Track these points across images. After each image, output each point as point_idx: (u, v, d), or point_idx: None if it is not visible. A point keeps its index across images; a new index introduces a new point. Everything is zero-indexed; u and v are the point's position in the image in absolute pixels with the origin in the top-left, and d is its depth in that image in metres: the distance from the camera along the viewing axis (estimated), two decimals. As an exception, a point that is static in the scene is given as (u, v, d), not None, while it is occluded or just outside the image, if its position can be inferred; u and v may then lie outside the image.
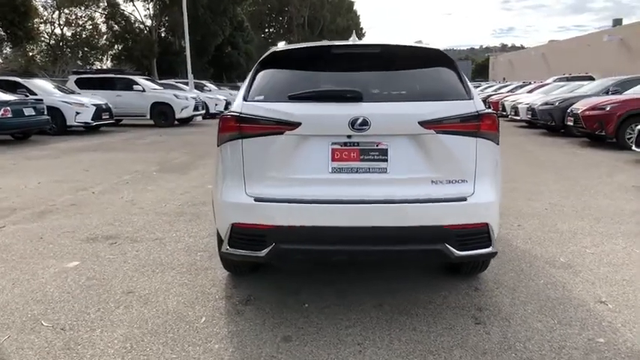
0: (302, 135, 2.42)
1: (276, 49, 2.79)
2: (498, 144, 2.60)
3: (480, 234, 2.46)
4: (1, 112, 10.44)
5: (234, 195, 2.51)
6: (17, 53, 34.12)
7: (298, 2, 60.42)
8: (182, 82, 21.43)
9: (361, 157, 2.42)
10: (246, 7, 48.70)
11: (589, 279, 3.25)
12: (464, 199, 2.42)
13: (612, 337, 2.49)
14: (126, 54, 39.16)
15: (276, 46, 3.05)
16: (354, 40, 3.01)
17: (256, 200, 2.45)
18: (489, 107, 7.78)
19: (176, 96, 15.86)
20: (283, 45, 3.06)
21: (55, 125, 12.62)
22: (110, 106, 14.07)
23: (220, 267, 3.48)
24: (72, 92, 14.48)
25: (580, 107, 10.29)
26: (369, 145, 2.42)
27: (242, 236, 2.51)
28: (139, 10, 78.34)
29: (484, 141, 2.49)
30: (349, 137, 2.42)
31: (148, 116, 15.76)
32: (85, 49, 38.83)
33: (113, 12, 37.26)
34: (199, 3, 34.70)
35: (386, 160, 2.42)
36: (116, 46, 40.27)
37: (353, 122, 2.36)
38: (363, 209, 2.37)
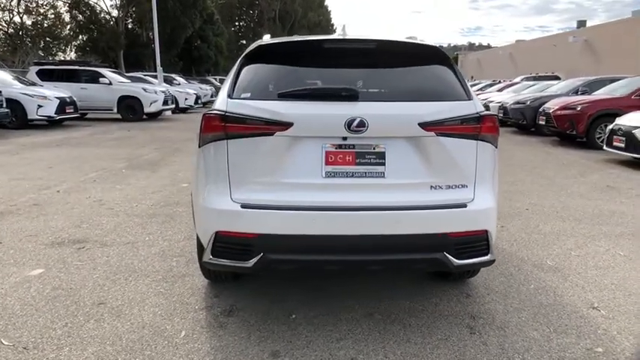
0: (294, 136, 2.24)
1: (262, 43, 2.59)
2: (497, 147, 2.50)
3: (480, 242, 2.35)
4: (-45, 104, 9.77)
5: (218, 200, 2.31)
6: (-29, 42, 32.37)
7: (270, -4, 59.84)
8: (150, 76, 20.77)
9: (357, 161, 2.27)
10: (216, 0, 47.78)
11: (578, 283, 3.21)
12: (464, 206, 2.31)
13: (610, 346, 2.44)
14: (91, 45, 37.69)
15: (260, 39, 2.85)
16: (343, 35, 2.85)
17: (243, 207, 2.26)
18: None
19: (144, 89, 15.33)
20: (269, 38, 2.85)
21: (15, 119, 11.95)
22: (75, 100, 13.45)
23: (199, 274, 3.27)
24: (33, 84, 13.75)
25: (552, 106, 10.47)
26: (366, 148, 2.27)
27: (227, 245, 2.31)
28: (105, 0, 75.66)
29: (484, 144, 2.38)
30: (344, 139, 2.26)
31: (115, 110, 15.16)
32: (47, 39, 37.09)
33: (77, 1, 35.74)
34: (168, -6, 33.73)
35: (383, 164, 2.27)
36: (80, 37, 38.67)
37: (349, 123, 2.20)
38: (359, 216, 2.22)
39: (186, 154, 8.66)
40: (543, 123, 10.88)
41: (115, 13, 37.87)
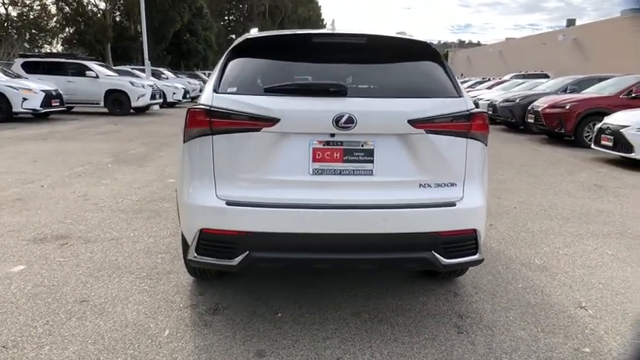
0: (280, 132, 2.19)
1: (249, 36, 2.54)
2: (487, 145, 2.48)
3: (468, 241, 2.33)
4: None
5: (202, 197, 2.26)
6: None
7: (260, -10, 59.43)
8: (138, 69, 20.51)
9: (345, 158, 2.23)
10: (206, -7, 47.25)
11: (566, 282, 3.21)
12: (453, 205, 2.28)
13: (597, 347, 2.43)
14: (78, 38, 37.13)
15: (248, 33, 2.79)
16: (332, 30, 2.80)
17: (228, 204, 2.21)
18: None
19: (132, 83, 15.12)
20: (256, 31, 2.79)
21: (0, 112, 11.73)
22: (61, 93, 13.23)
23: (184, 271, 3.22)
24: (18, 76, 13.49)
25: (540, 105, 10.52)
26: (354, 145, 2.23)
27: (211, 243, 2.26)
28: (93, -8, 74.87)
29: (474, 142, 2.36)
30: (332, 136, 2.21)
31: (102, 104, 14.95)
32: (33, 31, 36.45)
33: (64, -8, 35.18)
34: (157, -14, 33.33)
35: (372, 162, 2.24)
36: (67, 29, 38.10)
37: (337, 119, 2.16)
38: (347, 214, 2.19)
39: (173, 149, 8.55)
40: (532, 121, 10.94)
41: (103, 6, 37.36)
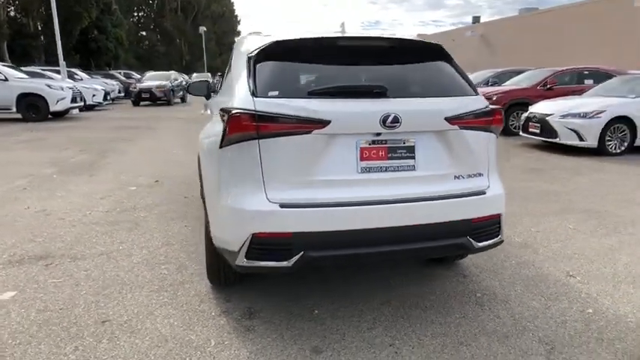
0: (329, 134, 2.27)
1: (278, 39, 2.56)
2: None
3: (495, 224, 2.58)
4: None
5: (252, 202, 2.27)
6: None
7: (171, -15, 57.06)
8: (50, 70, 18.87)
9: (389, 155, 2.36)
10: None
11: (548, 255, 3.61)
12: (483, 193, 2.51)
13: (597, 307, 2.81)
14: (-36, 35, 33.17)
15: (270, 36, 2.80)
16: (344, 33, 2.91)
17: (281, 206, 2.24)
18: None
19: (49, 86, 13.91)
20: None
21: None
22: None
23: (197, 279, 3.18)
24: None
25: (468, 97, 11.34)
26: (397, 143, 2.37)
27: (264, 246, 2.28)
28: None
29: (493, 135, 2.61)
30: (378, 135, 2.33)
31: (14, 109, 13.59)
32: None
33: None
34: (58, -20, 30.67)
35: (413, 158, 2.39)
36: (-50, 26, 33.87)
37: (384, 119, 2.28)
38: (394, 209, 2.32)
39: (120, 156, 8.11)
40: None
41: (-6, 0, 33.66)
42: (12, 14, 35.21)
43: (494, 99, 10.56)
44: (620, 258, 3.55)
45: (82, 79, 20.48)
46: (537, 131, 8.50)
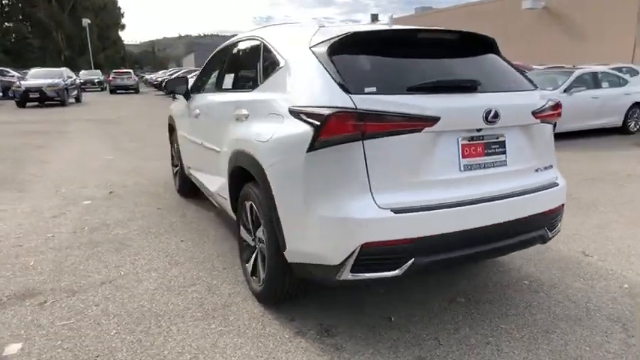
0: (437, 132, 2.16)
1: (358, 30, 2.36)
2: None
3: (561, 214, 2.69)
4: None
5: (360, 209, 2.07)
6: None
7: (41, -28, 51.03)
8: None
9: (486, 152, 2.32)
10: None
11: (558, 239, 3.83)
12: (557, 185, 2.59)
13: (630, 282, 3.08)
14: None
15: (322, 26, 2.58)
16: (390, 25, 2.80)
17: (395, 212, 2.08)
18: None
19: None
20: (353, 25, 2.63)
21: None
22: None
23: (239, 300, 2.90)
24: None
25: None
26: (492, 138, 2.34)
27: (374, 257, 2.11)
28: None
29: (552, 127, 2.70)
30: (479, 131, 2.28)
31: None
32: None
33: None
34: None
35: (504, 153, 2.38)
36: None
37: (487, 114, 2.23)
38: (494, 206, 2.29)
39: (44, 165, 7.05)
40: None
41: None
42: None
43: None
44: (611, 235, 3.93)
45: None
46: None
